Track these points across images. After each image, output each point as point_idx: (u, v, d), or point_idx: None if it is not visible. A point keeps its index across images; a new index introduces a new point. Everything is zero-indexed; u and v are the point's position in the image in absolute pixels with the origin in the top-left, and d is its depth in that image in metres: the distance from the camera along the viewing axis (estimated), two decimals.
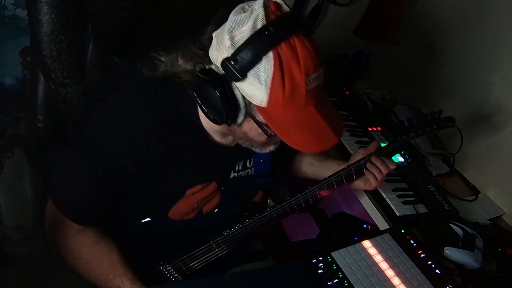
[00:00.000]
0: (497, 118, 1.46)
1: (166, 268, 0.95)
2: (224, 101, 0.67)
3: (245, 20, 0.64)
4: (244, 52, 0.63)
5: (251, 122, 0.73)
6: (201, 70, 0.69)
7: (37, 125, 1.00)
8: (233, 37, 0.64)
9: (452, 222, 1.20)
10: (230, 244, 0.95)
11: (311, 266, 0.91)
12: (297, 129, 0.69)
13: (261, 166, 0.96)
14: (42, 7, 0.86)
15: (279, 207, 0.92)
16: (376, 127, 1.54)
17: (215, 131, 0.83)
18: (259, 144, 0.81)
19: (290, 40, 0.63)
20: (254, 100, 0.67)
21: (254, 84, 0.65)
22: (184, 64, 0.77)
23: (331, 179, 0.93)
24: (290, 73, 0.64)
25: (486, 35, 1.52)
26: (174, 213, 0.89)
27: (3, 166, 0.85)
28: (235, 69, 0.64)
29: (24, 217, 0.83)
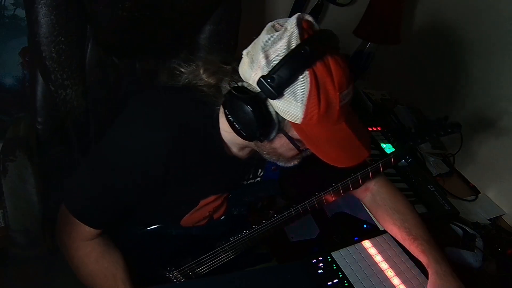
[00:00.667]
0: (497, 118, 1.46)
1: (173, 273, 0.95)
2: (259, 119, 0.68)
3: (279, 39, 0.65)
4: (281, 70, 0.64)
5: (283, 138, 0.74)
6: (235, 87, 0.69)
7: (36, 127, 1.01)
8: (268, 55, 0.65)
9: (452, 222, 1.20)
10: (237, 250, 0.95)
11: (311, 266, 0.91)
12: (330, 144, 0.70)
13: (270, 172, 0.97)
14: (41, 8, 0.86)
15: (285, 213, 0.92)
16: (376, 127, 1.54)
17: (235, 144, 0.83)
18: (285, 158, 0.81)
19: (324, 58, 0.65)
20: (289, 117, 0.68)
21: (290, 102, 0.66)
22: (207, 78, 0.78)
23: (338, 185, 0.93)
24: (325, 91, 0.65)
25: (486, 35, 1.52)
26: (186, 221, 0.90)
27: (6, 170, 0.85)
28: (272, 87, 0.65)
29: (30, 221, 0.83)
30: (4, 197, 0.83)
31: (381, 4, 1.61)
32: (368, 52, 1.76)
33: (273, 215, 0.92)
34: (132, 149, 0.76)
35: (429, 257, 0.91)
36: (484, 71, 1.53)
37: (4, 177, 0.84)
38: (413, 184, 1.31)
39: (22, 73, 1.30)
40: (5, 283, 1.04)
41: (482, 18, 1.54)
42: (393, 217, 1.00)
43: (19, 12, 1.19)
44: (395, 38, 1.66)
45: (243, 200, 0.95)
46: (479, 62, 1.55)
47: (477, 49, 1.56)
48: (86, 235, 0.82)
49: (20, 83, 1.32)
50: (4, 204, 0.82)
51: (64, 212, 0.81)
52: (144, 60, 1.06)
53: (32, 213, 0.84)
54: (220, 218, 0.95)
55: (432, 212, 1.22)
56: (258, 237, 0.94)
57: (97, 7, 0.91)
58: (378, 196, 1.03)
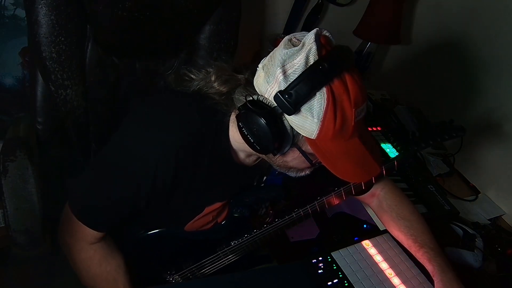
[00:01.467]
0: (497, 118, 1.46)
1: (174, 277, 0.96)
2: (274, 134, 0.68)
3: (297, 54, 0.65)
4: (299, 86, 0.63)
5: (296, 152, 0.74)
6: (251, 101, 0.69)
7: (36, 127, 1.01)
8: (285, 70, 0.65)
9: (452, 222, 1.20)
10: (237, 253, 0.95)
11: (311, 266, 0.91)
12: (344, 160, 0.70)
13: (274, 177, 0.97)
14: (41, 8, 0.85)
15: (287, 217, 0.92)
16: (376, 127, 1.54)
17: (243, 151, 0.83)
18: (296, 170, 0.81)
19: (341, 75, 0.65)
20: (303, 132, 0.68)
21: (306, 117, 0.66)
22: (218, 86, 0.78)
23: (340, 190, 0.93)
24: (342, 107, 0.65)
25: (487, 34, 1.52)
26: (190, 226, 0.90)
27: (7, 171, 0.84)
28: (289, 102, 0.64)
29: (32, 221, 0.83)
30: (4, 197, 0.82)
31: (381, 4, 1.61)
32: (368, 52, 1.76)
33: (275, 219, 0.92)
34: (141, 154, 0.75)
35: (435, 266, 0.91)
36: (484, 71, 1.53)
37: (4, 177, 0.84)
38: (413, 184, 1.31)
39: (22, 73, 1.30)
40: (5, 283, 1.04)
41: (483, 18, 1.54)
42: (399, 224, 1.00)
43: (19, 12, 1.19)
44: (395, 38, 1.66)
45: (245, 201, 0.95)
46: (480, 62, 1.55)
47: (477, 49, 1.56)
48: (89, 238, 0.81)
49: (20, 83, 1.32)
50: (4, 204, 0.82)
51: (68, 214, 0.80)
52: (144, 60, 1.06)
53: (32, 213, 0.83)
54: (222, 222, 0.95)
55: (432, 212, 1.22)
56: (260, 241, 0.94)
57: (97, 7, 0.90)
58: (385, 202, 1.03)
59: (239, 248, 0.94)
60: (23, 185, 0.84)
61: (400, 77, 1.92)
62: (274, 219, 0.93)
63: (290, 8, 1.58)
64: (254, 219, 1.00)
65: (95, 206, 0.79)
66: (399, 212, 1.01)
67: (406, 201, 1.04)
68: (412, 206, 1.03)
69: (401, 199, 1.03)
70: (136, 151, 0.75)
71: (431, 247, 0.94)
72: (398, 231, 1.00)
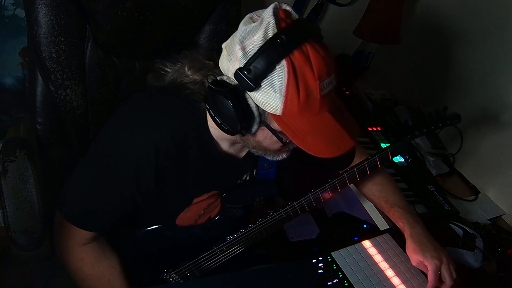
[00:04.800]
0: (497, 118, 1.46)
1: (171, 275, 0.95)
2: (239, 112, 0.67)
3: (256, 30, 0.64)
4: (257, 61, 0.63)
5: (265, 131, 0.73)
6: (213, 81, 0.68)
7: (36, 127, 1.01)
8: (245, 47, 0.64)
9: (452, 222, 1.20)
10: (234, 250, 0.95)
11: (311, 266, 0.91)
12: (313, 135, 0.68)
13: (264, 171, 0.96)
14: (41, 8, 0.86)
15: (282, 212, 0.91)
16: (376, 127, 1.54)
17: (224, 140, 0.83)
18: (272, 152, 0.80)
19: (302, 47, 0.63)
20: (269, 109, 0.67)
21: (269, 93, 0.65)
22: (192, 74, 0.77)
23: (334, 181, 0.93)
24: (304, 80, 0.64)
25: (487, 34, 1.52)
26: (181, 220, 0.90)
27: (7, 171, 0.85)
28: (249, 78, 0.64)
29: (31, 221, 0.83)
30: (4, 197, 0.83)
31: (381, 4, 1.61)
32: (368, 52, 1.76)
33: (270, 213, 0.92)
34: (121, 154, 0.76)
35: (404, 223, 0.96)
36: (485, 72, 1.53)
37: (4, 177, 0.84)
38: (413, 184, 1.31)
39: (22, 73, 1.30)
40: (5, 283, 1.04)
41: (483, 18, 1.53)
42: (372, 189, 1.07)
43: (19, 12, 1.19)
44: (395, 38, 1.66)
45: (239, 199, 0.95)
46: (480, 62, 1.55)
47: (478, 49, 1.56)
48: (80, 239, 0.82)
49: (20, 83, 1.32)
50: (4, 204, 0.82)
51: (58, 217, 0.82)
52: (144, 60, 1.06)
53: (32, 213, 0.83)
54: (216, 218, 0.94)
55: (432, 212, 1.22)
56: (256, 236, 0.93)
57: (97, 7, 0.91)
58: None
59: (235, 244, 0.93)
60: (23, 185, 0.84)
61: (400, 77, 1.92)
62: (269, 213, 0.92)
63: None
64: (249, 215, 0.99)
65: (81, 206, 0.80)
66: (372, 178, 1.07)
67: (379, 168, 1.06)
68: (383, 171, 1.10)
69: None
70: (116, 151, 0.76)
71: (400, 206, 1.01)
72: (372, 195, 1.08)
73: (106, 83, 1.01)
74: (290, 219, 0.93)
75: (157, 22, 0.99)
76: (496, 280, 1.09)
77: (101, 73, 0.99)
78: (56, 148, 1.05)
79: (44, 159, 0.98)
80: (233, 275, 0.88)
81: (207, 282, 0.88)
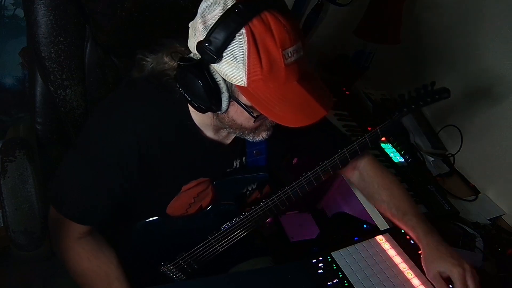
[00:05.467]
0: (498, 118, 1.46)
1: (168, 268, 0.95)
2: (206, 86, 0.67)
3: (216, 3, 0.64)
4: (217, 32, 0.62)
5: (235, 106, 0.72)
6: (180, 58, 0.69)
7: (36, 127, 1.01)
8: (206, 20, 0.64)
9: (452, 222, 1.20)
10: (230, 239, 0.94)
11: (311, 266, 0.91)
12: (282, 105, 0.67)
13: (253, 157, 0.95)
14: (40, 8, 0.86)
15: (274, 197, 0.91)
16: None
17: (207, 126, 0.83)
18: (250, 130, 0.79)
19: (261, 15, 0.63)
20: (234, 81, 0.66)
21: (231, 64, 0.64)
22: (170, 61, 0.77)
23: (325, 163, 0.92)
24: (266, 48, 0.63)
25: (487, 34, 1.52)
26: (172, 208, 0.90)
27: (6, 171, 0.85)
28: (210, 50, 0.63)
29: (31, 221, 0.83)
30: (3, 197, 0.83)
31: (381, 4, 1.61)
32: (368, 52, 1.76)
33: (263, 200, 0.92)
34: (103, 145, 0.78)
35: (419, 232, 0.93)
36: (485, 71, 1.53)
37: (3, 177, 0.84)
38: (413, 184, 1.31)
39: (22, 73, 1.31)
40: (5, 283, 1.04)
41: (483, 18, 1.53)
42: (381, 194, 1.01)
43: (19, 12, 1.19)
44: (395, 38, 1.66)
45: (231, 187, 0.94)
46: (480, 62, 1.55)
47: (478, 49, 1.56)
48: (75, 233, 0.82)
49: (20, 83, 1.32)
50: (4, 204, 0.82)
51: (53, 211, 0.82)
52: None
53: (31, 213, 0.83)
54: (207, 208, 0.94)
55: (432, 212, 1.22)
56: (250, 224, 0.93)
57: (97, 7, 0.91)
58: (366, 173, 1.04)
59: (231, 232, 0.93)
60: (22, 185, 0.85)
61: (400, 77, 1.92)
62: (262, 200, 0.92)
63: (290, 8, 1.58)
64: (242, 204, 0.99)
65: (73, 199, 0.81)
66: (380, 181, 1.01)
67: (386, 171, 1.04)
68: (392, 175, 1.04)
69: (381, 169, 1.04)
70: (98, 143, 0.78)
71: (414, 214, 0.95)
72: (380, 201, 1.01)
73: (106, 83, 1.01)
74: (284, 205, 0.93)
75: (157, 22, 0.99)
76: (496, 280, 1.09)
77: (101, 73, 0.99)
78: (56, 148, 1.05)
79: (44, 159, 0.98)
80: (233, 275, 0.88)
81: (207, 282, 0.88)
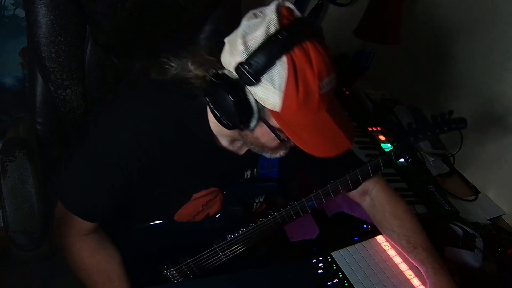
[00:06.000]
0: (497, 118, 1.46)
1: (171, 272, 0.95)
2: (238, 106, 0.67)
3: (258, 25, 0.64)
4: (258, 56, 0.63)
5: (263, 127, 0.73)
6: (214, 74, 0.69)
7: (36, 127, 1.01)
8: (247, 41, 0.65)
9: (452, 222, 1.20)
10: (235, 249, 0.95)
11: (311, 266, 0.91)
12: (310, 134, 0.69)
13: (266, 170, 0.96)
14: (41, 8, 0.86)
15: (283, 212, 0.91)
16: (376, 127, 1.54)
17: (224, 136, 0.83)
18: (270, 149, 0.80)
19: (303, 45, 0.63)
20: (268, 104, 0.67)
21: (268, 89, 0.65)
22: (195, 69, 0.77)
23: (336, 182, 0.92)
24: (304, 78, 0.64)
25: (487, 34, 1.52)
26: (180, 215, 0.90)
27: (6, 171, 0.85)
28: (249, 73, 0.64)
29: (31, 221, 0.83)
30: (4, 197, 0.83)
31: (381, 4, 1.61)
32: (368, 52, 1.77)
33: (271, 213, 0.92)
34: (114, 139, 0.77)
35: (428, 268, 0.90)
36: (485, 71, 1.53)
37: (3, 177, 0.84)
38: (413, 184, 1.31)
39: (22, 73, 1.30)
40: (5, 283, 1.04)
41: (483, 17, 1.53)
42: (391, 223, 0.98)
43: (19, 12, 1.19)
44: (395, 38, 1.66)
45: (239, 197, 0.94)
46: (480, 62, 1.55)
47: (478, 49, 1.56)
48: (81, 230, 0.82)
49: (20, 83, 1.32)
50: (4, 204, 0.82)
51: (59, 206, 0.82)
52: (144, 60, 1.06)
53: (31, 213, 0.83)
54: (216, 216, 0.94)
55: (432, 212, 1.22)
56: (256, 236, 0.93)
57: (97, 7, 0.91)
58: (377, 200, 1.02)
59: (236, 243, 0.93)
60: (22, 185, 0.84)
61: (400, 77, 1.92)
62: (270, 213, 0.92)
63: None
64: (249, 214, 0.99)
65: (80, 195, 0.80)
66: (391, 211, 0.99)
67: (398, 199, 1.02)
68: (404, 204, 1.01)
69: (393, 198, 1.02)
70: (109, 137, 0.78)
71: (424, 248, 0.93)
72: (390, 231, 0.99)
73: (106, 83, 1.01)
74: (291, 219, 0.93)
75: (157, 22, 0.99)
76: (496, 280, 1.09)
77: (101, 73, 0.99)
78: (56, 148, 1.05)
79: (44, 159, 0.98)
80: (233, 275, 0.87)
81: (207, 282, 0.87)
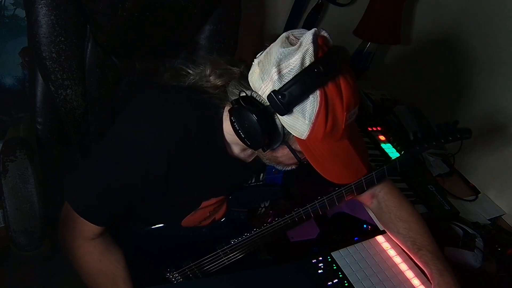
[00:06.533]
0: (497, 118, 1.46)
1: (173, 275, 0.95)
2: (265, 131, 0.68)
3: (293, 54, 0.65)
4: (293, 88, 0.64)
5: (285, 149, 0.75)
6: (244, 97, 0.69)
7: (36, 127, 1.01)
8: (281, 70, 0.65)
9: (452, 222, 1.20)
10: (238, 253, 0.95)
11: (311, 266, 0.91)
12: (331, 160, 0.71)
13: (272, 175, 0.97)
14: (41, 8, 0.86)
15: (287, 217, 0.92)
16: (376, 127, 1.54)
17: (236, 144, 0.84)
18: (284, 164, 0.82)
19: (336, 79, 0.65)
20: (295, 132, 0.69)
21: (298, 118, 0.67)
22: (214, 79, 0.78)
23: (341, 190, 0.93)
24: (333, 111, 0.66)
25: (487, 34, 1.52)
26: (187, 221, 0.91)
27: (7, 170, 0.85)
28: (282, 103, 0.65)
29: (32, 221, 0.83)
30: (4, 197, 0.83)
31: (381, 4, 1.61)
32: (368, 52, 1.76)
33: (275, 219, 0.92)
34: (134, 146, 0.76)
35: (433, 269, 0.91)
36: (484, 71, 1.53)
37: (4, 177, 0.84)
38: (413, 184, 1.31)
39: (22, 73, 1.30)
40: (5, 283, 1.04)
41: (483, 18, 1.53)
42: (397, 226, 1.00)
43: (19, 12, 1.19)
44: (395, 38, 1.66)
45: (244, 201, 0.95)
46: (480, 61, 1.55)
47: (478, 49, 1.56)
48: (88, 233, 0.82)
49: (20, 83, 1.32)
50: (4, 204, 0.82)
51: (67, 209, 0.81)
52: (144, 60, 1.06)
53: (32, 213, 0.83)
54: (221, 220, 0.95)
55: (432, 212, 1.22)
56: (260, 240, 0.94)
57: (97, 7, 0.91)
58: (384, 203, 1.03)
59: (239, 247, 0.94)
60: (23, 185, 0.84)
61: (400, 77, 1.92)
62: (274, 218, 0.93)
63: (290, 8, 1.58)
64: (254, 219, 0.99)
65: (92, 200, 0.79)
66: (398, 213, 1.00)
67: (405, 202, 1.03)
68: (411, 207, 1.02)
69: (400, 200, 1.03)
70: (128, 144, 0.76)
71: (429, 250, 0.93)
72: (396, 233, 1.00)
73: (106, 83, 1.01)
74: (294, 225, 0.94)
75: (157, 22, 0.99)
76: (496, 280, 1.09)
77: (101, 73, 0.99)
78: (56, 148, 1.05)
79: (44, 159, 0.98)
80: (234, 275, 0.88)
81: (208, 282, 0.88)
